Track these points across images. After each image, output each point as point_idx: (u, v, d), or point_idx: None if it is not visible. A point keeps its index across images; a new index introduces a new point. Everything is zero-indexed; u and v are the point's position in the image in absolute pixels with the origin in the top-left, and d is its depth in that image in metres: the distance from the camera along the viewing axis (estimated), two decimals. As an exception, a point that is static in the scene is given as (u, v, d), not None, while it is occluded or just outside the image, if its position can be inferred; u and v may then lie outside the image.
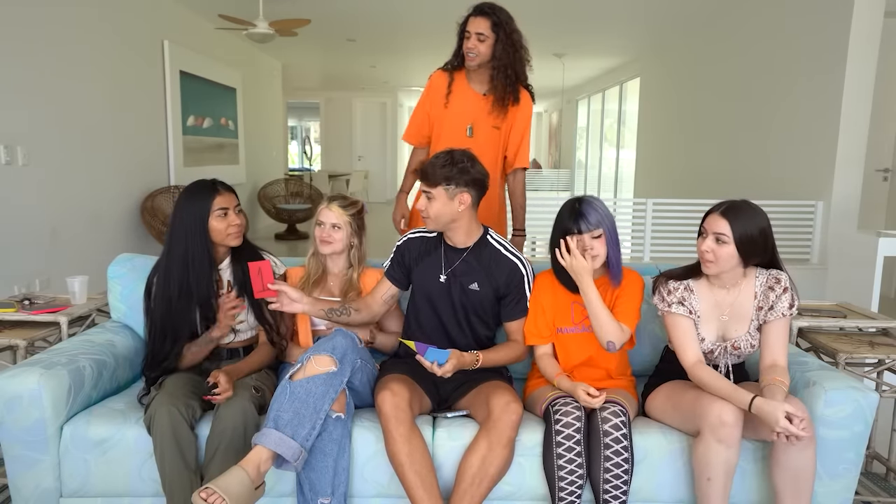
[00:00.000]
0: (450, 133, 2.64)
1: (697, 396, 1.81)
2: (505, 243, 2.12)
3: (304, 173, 12.12)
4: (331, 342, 1.82)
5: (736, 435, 1.71)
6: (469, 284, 2.06)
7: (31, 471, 1.85)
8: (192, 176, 6.17)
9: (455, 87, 2.63)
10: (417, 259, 2.12)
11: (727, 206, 1.83)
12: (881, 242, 3.63)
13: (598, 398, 1.79)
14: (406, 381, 1.92)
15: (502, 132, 2.65)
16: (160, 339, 1.99)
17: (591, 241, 1.91)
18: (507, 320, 2.11)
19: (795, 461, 1.71)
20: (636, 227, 4.89)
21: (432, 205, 1.98)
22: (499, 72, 2.55)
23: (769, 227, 1.84)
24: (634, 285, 2.02)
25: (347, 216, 2.17)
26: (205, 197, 2.02)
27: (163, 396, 1.81)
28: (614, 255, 1.95)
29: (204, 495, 1.52)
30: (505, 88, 2.57)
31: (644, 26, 6.91)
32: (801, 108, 4.88)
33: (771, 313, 1.86)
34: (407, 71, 10.76)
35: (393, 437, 1.78)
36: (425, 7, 6.16)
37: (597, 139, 11.29)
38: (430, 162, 1.99)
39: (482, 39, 2.50)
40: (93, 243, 4.69)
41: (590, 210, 1.91)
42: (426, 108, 2.72)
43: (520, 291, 2.08)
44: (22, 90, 3.91)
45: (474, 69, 2.59)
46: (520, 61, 2.58)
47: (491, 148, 2.64)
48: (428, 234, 2.14)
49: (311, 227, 2.24)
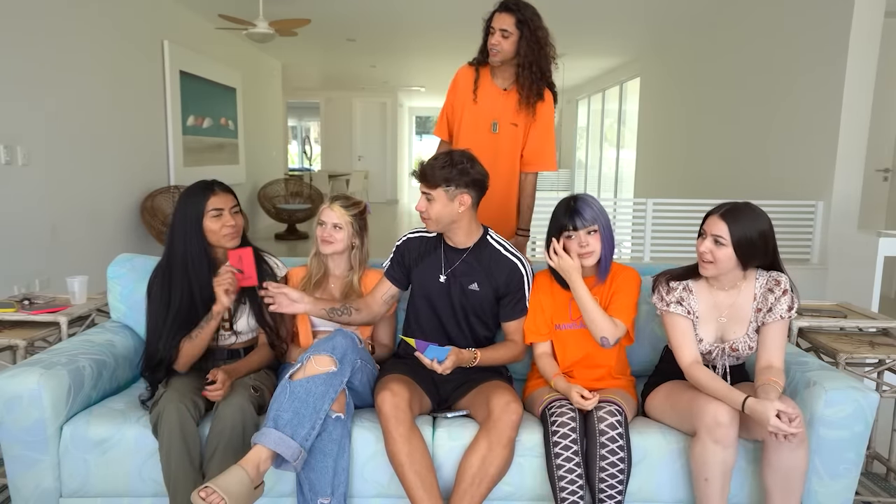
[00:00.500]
0: (475, 128, 2.64)
1: (694, 397, 1.81)
2: (505, 243, 2.12)
3: (304, 173, 12.11)
4: (331, 342, 1.81)
5: (732, 435, 1.71)
6: (469, 285, 2.06)
7: (31, 471, 1.84)
8: (192, 176, 6.20)
9: (481, 83, 2.64)
10: (417, 259, 2.12)
11: (727, 209, 1.82)
12: (881, 242, 3.63)
13: (590, 400, 1.80)
14: (406, 381, 1.91)
15: (521, 129, 2.64)
16: (159, 340, 1.98)
17: (586, 237, 1.92)
18: (506, 320, 2.10)
19: (787, 461, 1.71)
20: (636, 227, 4.89)
21: (432, 206, 1.97)
22: (523, 69, 2.55)
23: (771, 230, 1.83)
24: (630, 281, 2.02)
25: (349, 216, 2.16)
26: (199, 198, 2.01)
27: (172, 394, 1.81)
28: (606, 252, 1.97)
29: (203, 494, 1.52)
30: (530, 86, 2.56)
31: (644, 26, 6.91)
32: (801, 107, 4.89)
33: (769, 315, 1.86)
34: (407, 71, 10.76)
35: (393, 437, 1.78)
36: (425, 7, 6.16)
37: (597, 139, 11.29)
38: (429, 163, 1.98)
39: (506, 36, 2.50)
40: (93, 243, 4.69)
41: (584, 207, 1.92)
42: (451, 102, 2.72)
43: (519, 292, 2.08)
44: (22, 90, 3.91)
45: (497, 65, 2.59)
46: (545, 59, 2.56)
47: (513, 145, 2.65)
48: (427, 234, 2.14)
49: (313, 226, 2.24)
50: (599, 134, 11.11)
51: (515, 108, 2.61)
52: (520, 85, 2.57)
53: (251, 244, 2.14)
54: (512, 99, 2.61)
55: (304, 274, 2.24)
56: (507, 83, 2.63)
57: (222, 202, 2.03)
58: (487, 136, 2.61)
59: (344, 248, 2.18)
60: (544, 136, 2.66)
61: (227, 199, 2.05)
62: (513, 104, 2.61)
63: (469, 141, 2.61)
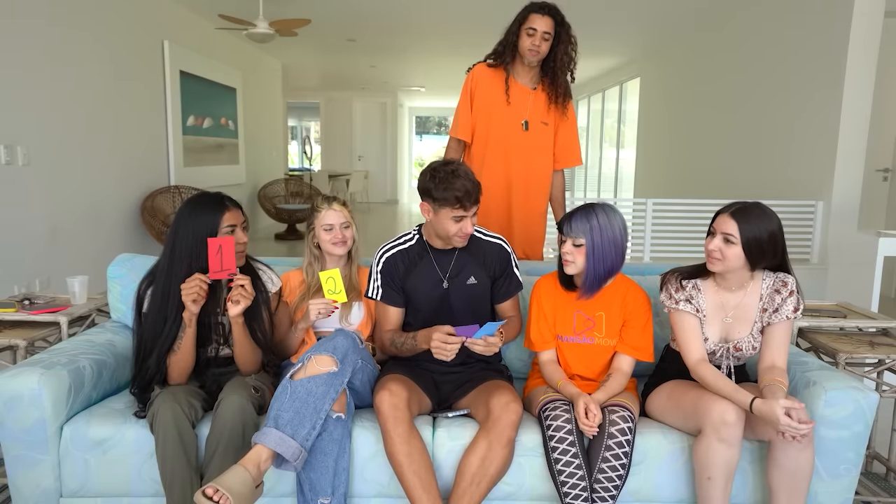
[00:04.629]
0: (507, 128, 2.67)
1: (699, 396, 1.80)
2: (481, 230, 2.15)
3: (304, 173, 12.11)
4: (332, 342, 1.81)
5: (737, 434, 1.71)
6: (467, 280, 2.07)
7: (32, 471, 1.84)
8: (192, 176, 6.22)
9: (510, 83, 2.66)
10: (405, 274, 2.08)
11: (738, 208, 1.82)
12: (881, 242, 3.63)
13: (591, 428, 1.77)
14: (405, 381, 1.91)
15: (551, 128, 2.70)
16: (149, 357, 1.89)
17: (571, 247, 1.91)
18: (504, 300, 2.14)
19: (794, 461, 1.71)
20: (636, 227, 4.89)
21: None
22: (560, 70, 2.61)
23: (780, 232, 1.82)
24: (640, 309, 2.00)
25: (348, 211, 2.18)
26: (213, 212, 1.91)
27: (166, 395, 1.81)
28: (592, 270, 1.91)
29: (210, 492, 1.53)
30: (567, 86, 2.65)
31: (644, 26, 6.91)
32: (801, 107, 4.89)
33: (775, 315, 1.86)
34: (407, 71, 10.76)
35: (391, 438, 1.78)
36: (425, 7, 6.16)
37: (597, 139, 11.29)
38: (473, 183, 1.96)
39: (547, 38, 2.55)
40: (93, 243, 4.69)
41: (580, 217, 1.90)
42: (473, 103, 2.72)
43: (509, 268, 2.13)
44: (22, 90, 3.91)
45: (533, 66, 2.64)
46: (575, 59, 2.64)
47: (546, 142, 2.70)
48: (402, 245, 2.11)
49: (307, 235, 2.20)
50: (599, 134, 11.11)
51: (545, 107, 2.67)
52: (556, 85, 2.64)
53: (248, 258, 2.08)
54: (540, 98, 2.67)
55: (300, 278, 2.22)
56: (535, 82, 2.68)
57: (235, 218, 1.95)
58: (520, 134, 2.67)
59: (352, 245, 2.19)
60: (573, 132, 2.77)
61: (238, 214, 1.97)
62: (542, 103, 2.67)
63: (501, 141, 2.67)
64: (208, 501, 1.52)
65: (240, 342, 1.94)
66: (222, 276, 1.83)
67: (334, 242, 2.14)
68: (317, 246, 2.19)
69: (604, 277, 1.94)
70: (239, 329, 1.91)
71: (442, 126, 19.66)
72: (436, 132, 20.04)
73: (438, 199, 1.94)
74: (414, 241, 2.10)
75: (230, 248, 1.83)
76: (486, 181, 2.31)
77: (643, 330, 2.00)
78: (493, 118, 2.67)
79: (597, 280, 1.93)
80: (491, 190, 2.63)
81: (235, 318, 1.88)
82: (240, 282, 1.84)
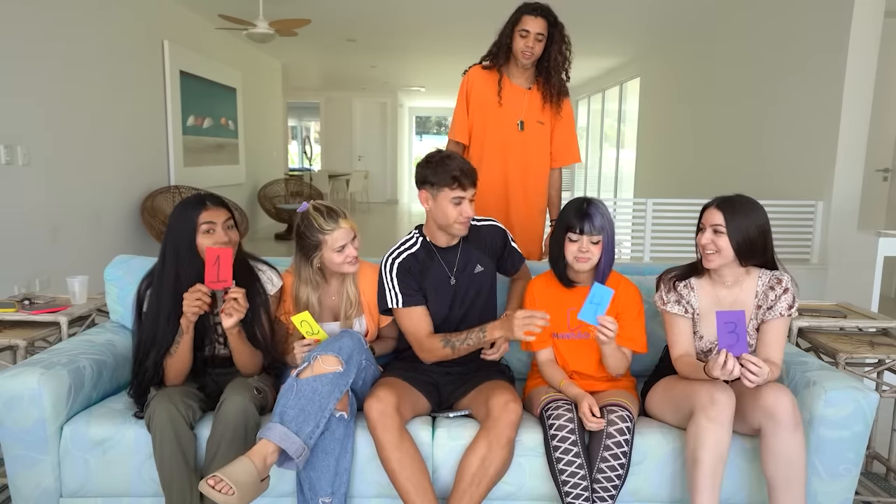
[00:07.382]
0: (503, 129, 2.68)
1: (689, 383, 1.83)
2: (474, 217, 2.08)
3: (304, 173, 12.10)
4: (338, 342, 1.81)
5: (728, 413, 1.70)
6: (474, 270, 2.08)
7: (32, 471, 1.84)
8: (192, 176, 6.22)
9: (503, 84, 2.66)
10: (420, 276, 2.05)
11: (722, 199, 1.86)
12: (881, 242, 3.63)
13: (596, 424, 1.78)
14: (395, 385, 1.90)
15: (547, 127, 2.71)
16: (147, 359, 1.90)
17: (588, 244, 1.92)
18: (514, 271, 2.20)
19: (784, 447, 1.68)
20: (636, 227, 4.89)
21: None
22: (554, 70, 2.62)
23: (766, 220, 1.85)
24: (633, 303, 2.04)
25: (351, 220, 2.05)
26: (191, 212, 1.90)
27: (162, 396, 1.81)
28: (606, 261, 1.97)
29: (212, 482, 1.53)
30: (561, 85, 2.65)
31: (644, 26, 6.91)
32: (801, 107, 4.89)
33: (770, 313, 1.87)
34: (407, 71, 10.76)
35: (381, 445, 1.78)
36: (425, 7, 6.16)
37: (597, 139, 11.29)
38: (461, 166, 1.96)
39: (540, 39, 2.55)
40: (93, 243, 4.69)
41: (596, 213, 1.92)
42: (469, 105, 2.73)
43: (509, 244, 2.17)
44: (22, 90, 3.91)
45: (527, 67, 2.64)
46: (569, 58, 2.65)
47: (542, 142, 2.71)
48: (410, 249, 2.08)
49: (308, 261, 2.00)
50: (599, 134, 11.11)
51: (541, 107, 2.68)
52: (550, 85, 2.64)
53: (245, 259, 2.05)
54: (535, 98, 2.68)
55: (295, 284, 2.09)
56: (530, 82, 2.68)
57: (214, 216, 1.91)
58: (516, 135, 2.67)
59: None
60: (569, 131, 2.76)
61: (219, 212, 1.93)
62: (537, 103, 2.68)
63: (498, 141, 2.68)
64: (212, 490, 1.52)
65: (237, 349, 1.95)
66: (218, 287, 1.84)
67: (349, 262, 2.00)
68: (318, 269, 2.03)
69: (609, 267, 2.00)
70: (234, 338, 1.92)
71: (442, 126, 19.67)
72: (436, 132, 20.05)
73: (436, 182, 1.95)
74: (418, 244, 2.09)
75: (228, 260, 1.82)
76: (483, 181, 2.30)
77: (635, 321, 2.02)
78: (489, 119, 2.68)
79: (607, 270, 1.99)
80: (489, 190, 2.63)
81: (230, 329, 1.88)
82: (233, 295, 1.84)
